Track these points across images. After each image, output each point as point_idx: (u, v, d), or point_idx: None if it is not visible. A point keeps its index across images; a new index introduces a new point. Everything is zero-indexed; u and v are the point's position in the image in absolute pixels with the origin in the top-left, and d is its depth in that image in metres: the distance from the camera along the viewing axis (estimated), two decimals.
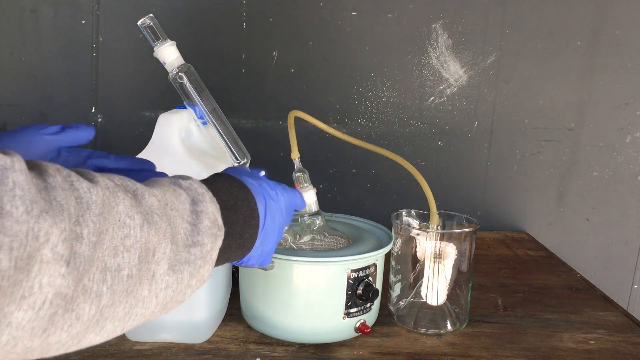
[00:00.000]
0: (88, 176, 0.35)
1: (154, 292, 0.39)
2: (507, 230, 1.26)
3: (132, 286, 0.37)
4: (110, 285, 0.35)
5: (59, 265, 0.31)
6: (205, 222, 0.43)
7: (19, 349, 0.32)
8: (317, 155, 1.19)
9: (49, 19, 1.12)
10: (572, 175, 1.25)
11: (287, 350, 0.70)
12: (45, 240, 0.30)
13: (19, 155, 0.30)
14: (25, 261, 0.29)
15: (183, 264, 0.41)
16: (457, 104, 1.21)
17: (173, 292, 0.41)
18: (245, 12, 1.15)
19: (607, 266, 1.29)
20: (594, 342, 0.75)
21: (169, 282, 0.40)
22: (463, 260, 0.75)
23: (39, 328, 0.31)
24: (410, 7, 1.17)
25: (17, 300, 0.29)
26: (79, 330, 0.34)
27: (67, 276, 0.31)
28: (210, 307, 0.70)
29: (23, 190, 0.29)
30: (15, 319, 0.30)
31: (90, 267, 0.33)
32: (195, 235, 0.42)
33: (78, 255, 0.32)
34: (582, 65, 1.20)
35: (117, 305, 0.36)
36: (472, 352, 0.71)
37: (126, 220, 0.36)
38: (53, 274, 0.31)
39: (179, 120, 0.68)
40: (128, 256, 0.36)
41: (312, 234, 0.77)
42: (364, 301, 0.71)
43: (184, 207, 0.42)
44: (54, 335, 0.33)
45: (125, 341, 0.70)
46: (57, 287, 0.31)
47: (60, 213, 0.31)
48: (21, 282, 0.29)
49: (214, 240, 0.43)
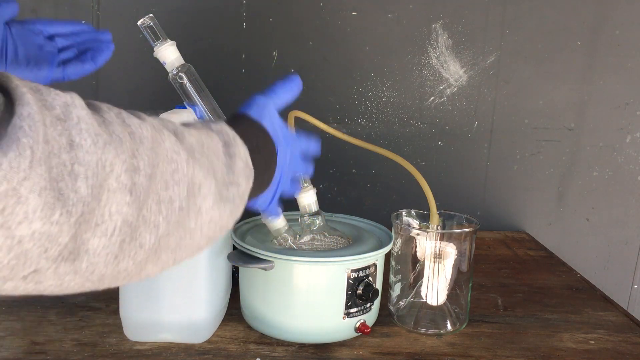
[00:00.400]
0: (135, 114, 0.38)
1: (199, 225, 0.41)
2: (507, 230, 1.26)
3: (182, 218, 0.39)
4: (165, 216, 0.37)
5: (124, 194, 0.33)
6: (239, 163, 0.45)
7: (95, 277, 0.34)
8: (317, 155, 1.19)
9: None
10: (572, 175, 1.25)
11: (287, 350, 0.70)
12: (110, 170, 0.32)
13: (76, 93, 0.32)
14: (98, 189, 0.31)
15: (225, 201, 0.43)
16: (457, 104, 1.21)
17: (215, 226, 0.43)
18: (245, 12, 1.15)
19: (607, 266, 1.29)
20: (594, 342, 0.75)
21: (212, 217, 0.42)
22: (463, 260, 0.75)
23: (111, 254, 0.33)
24: (410, 7, 1.17)
25: (93, 227, 0.32)
26: (142, 259, 0.36)
27: (130, 205, 0.34)
28: (210, 307, 0.70)
29: (87, 124, 0.31)
30: (92, 245, 0.32)
31: (147, 199, 0.35)
32: (231, 175, 0.44)
33: (137, 186, 0.34)
34: (582, 65, 1.20)
35: (170, 235, 0.38)
36: (472, 352, 0.71)
37: (173, 156, 0.38)
38: (119, 203, 0.33)
39: (178, 120, 0.68)
40: (178, 189, 0.38)
41: (312, 234, 0.77)
42: (364, 301, 0.71)
43: (217, 149, 0.44)
44: (123, 263, 0.35)
45: (125, 341, 0.70)
46: (123, 215, 0.33)
47: (120, 145, 0.33)
48: (94, 210, 0.31)
49: (247, 181, 0.46)
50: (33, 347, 0.68)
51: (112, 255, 0.34)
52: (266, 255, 0.68)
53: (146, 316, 0.68)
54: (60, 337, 0.71)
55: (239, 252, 0.70)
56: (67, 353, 0.67)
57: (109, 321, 0.75)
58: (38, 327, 0.73)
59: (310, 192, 0.76)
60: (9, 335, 0.71)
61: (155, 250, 0.37)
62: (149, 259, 0.37)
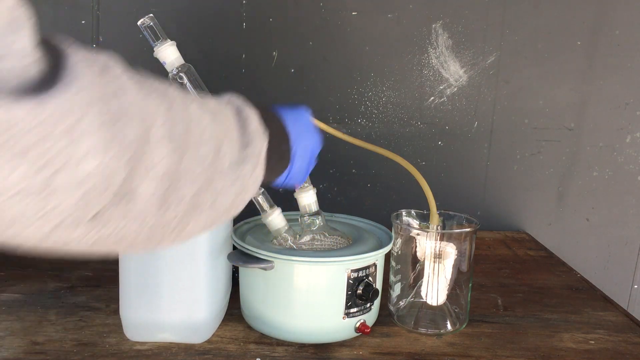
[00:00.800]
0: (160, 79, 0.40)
1: (226, 186, 0.43)
2: (507, 230, 1.26)
3: (212, 176, 0.41)
4: (199, 173, 0.39)
5: (166, 144, 0.35)
6: (252, 125, 0.47)
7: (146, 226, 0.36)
8: (317, 155, 1.19)
9: (49, 19, 1.12)
10: (572, 175, 1.25)
11: (287, 350, 0.70)
12: (153, 120, 0.34)
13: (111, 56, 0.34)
14: (143, 137, 0.33)
15: (243, 162, 0.45)
16: (457, 104, 1.21)
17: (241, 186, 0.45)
18: (245, 12, 1.15)
19: (607, 266, 1.29)
20: (594, 342, 0.75)
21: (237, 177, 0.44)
22: (463, 260, 0.75)
23: (157, 203, 0.35)
24: (410, 7, 1.17)
25: (141, 172, 0.33)
26: (184, 213, 0.38)
27: (172, 155, 0.35)
28: (210, 307, 0.70)
29: (128, 77, 0.33)
30: (141, 190, 0.34)
31: (185, 152, 0.37)
32: (246, 136, 0.46)
33: (176, 138, 0.36)
34: (582, 65, 1.20)
35: (204, 192, 0.40)
36: (472, 352, 0.71)
37: (200, 117, 0.40)
38: (162, 151, 0.35)
39: None
40: (207, 148, 0.40)
41: (312, 234, 0.77)
42: (364, 301, 0.71)
43: (231, 114, 0.46)
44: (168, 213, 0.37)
45: (125, 341, 0.70)
46: (166, 164, 0.35)
47: (158, 99, 0.35)
48: (142, 156, 0.33)
49: (261, 141, 0.48)
50: (33, 347, 0.68)
51: (159, 202, 0.35)
52: (266, 255, 0.68)
53: (146, 316, 0.68)
54: (60, 337, 0.71)
55: (239, 252, 0.70)
56: (67, 353, 0.67)
57: (109, 321, 0.75)
58: (38, 327, 0.73)
59: (310, 192, 0.76)
60: (9, 335, 0.71)
61: (193, 206, 0.39)
62: (190, 215, 0.39)
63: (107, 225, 0.33)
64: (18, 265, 0.94)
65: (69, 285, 0.87)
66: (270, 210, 0.74)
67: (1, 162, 0.27)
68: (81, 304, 0.80)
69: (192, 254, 0.67)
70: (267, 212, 0.74)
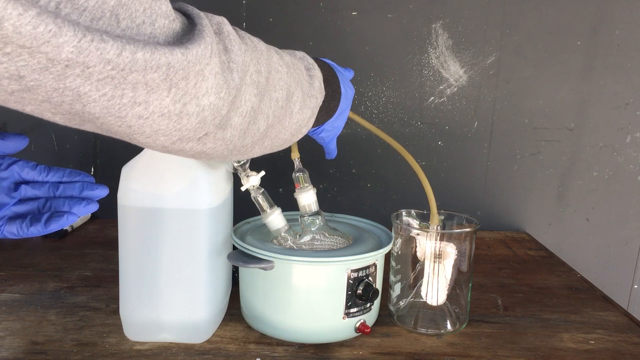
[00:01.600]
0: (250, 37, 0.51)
1: (289, 124, 0.55)
2: (507, 230, 1.26)
3: (282, 115, 0.53)
4: (273, 111, 0.51)
5: (253, 88, 0.47)
6: (317, 82, 0.60)
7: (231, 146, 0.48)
8: (317, 155, 1.19)
9: None
10: (572, 175, 1.25)
11: (287, 350, 0.70)
12: (247, 69, 0.46)
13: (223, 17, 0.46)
14: (241, 81, 0.44)
15: (307, 108, 0.57)
16: (457, 104, 1.21)
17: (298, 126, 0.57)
18: (245, 12, 1.15)
19: (607, 266, 1.29)
20: (594, 342, 0.75)
21: (298, 119, 0.56)
22: (463, 260, 0.75)
23: (241, 131, 0.47)
24: (410, 7, 1.17)
25: (236, 107, 0.45)
26: (255, 140, 0.51)
27: (256, 96, 0.47)
28: (210, 307, 0.70)
29: (234, 35, 0.45)
30: (234, 121, 0.46)
31: (264, 95, 0.49)
32: (311, 89, 0.59)
33: (260, 84, 0.48)
34: (582, 65, 1.20)
35: (273, 127, 0.53)
36: (472, 352, 0.71)
37: (278, 67, 0.51)
38: (250, 94, 0.46)
39: None
40: (281, 93, 0.52)
41: (312, 234, 0.77)
42: (364, 301, 0.71)
43: (301, 69, 0.58)
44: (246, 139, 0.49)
45: (125, 341, 0.70)
46: (251, 103, 0.47)
47: (252, 52, 0.47)
48: (238, 96, 0.44)
49: (321, 97, 0.61)
50: (33, 347, 0.68)
51: (242, 132, 0.48)
52: (266, 255, 0.68)
53: (146, 316, 0.68)
54: (60, 337, 0.71)
55: (239, 252, 0.70)
56: (67, 353, 0.67)
57: (109, 321, 0.75)
58: (38, 327, 0.73)
59: (310, 192, 0.76)
60: (9, 335, 0.71)
61: (263, 135, 0.52)
62: (258, 142, 0.52)
63: (206, 144, 0.45)
64: (18, 265, 0.94)
65: (69, 285, 0.87)
66: (270, 210, 0.74)
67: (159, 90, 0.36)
68: (81, 304, 0.80)
69: (192, 254, 0.67)
70: (267, 212, 0.74)
